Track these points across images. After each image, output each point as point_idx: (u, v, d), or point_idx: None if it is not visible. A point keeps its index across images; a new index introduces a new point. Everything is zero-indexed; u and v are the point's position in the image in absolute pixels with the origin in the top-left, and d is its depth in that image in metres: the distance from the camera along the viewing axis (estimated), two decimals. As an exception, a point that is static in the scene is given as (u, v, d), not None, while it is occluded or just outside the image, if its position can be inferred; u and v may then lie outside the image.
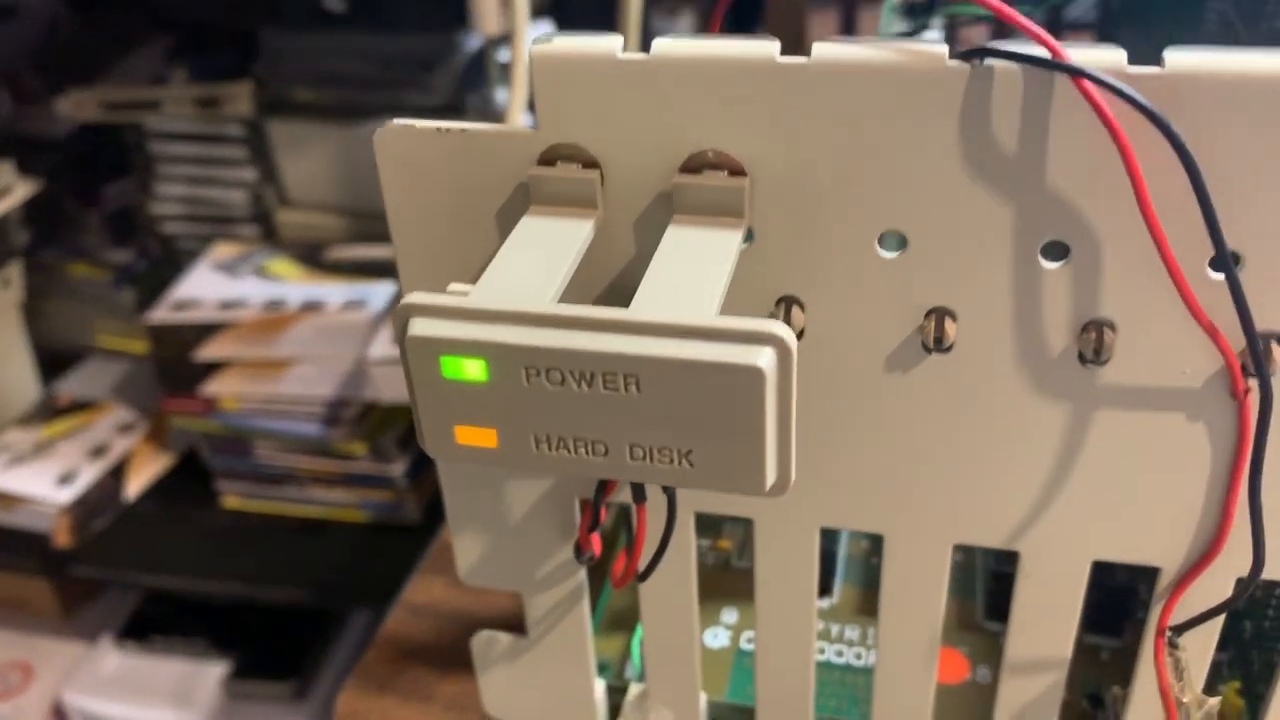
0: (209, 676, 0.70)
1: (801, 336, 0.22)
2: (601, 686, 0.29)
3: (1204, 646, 0.24)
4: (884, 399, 0.22)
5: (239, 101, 0.75)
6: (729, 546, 0.35)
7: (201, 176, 0.79)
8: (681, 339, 0.17)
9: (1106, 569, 0.23)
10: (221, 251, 0.78)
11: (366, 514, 0.70)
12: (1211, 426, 0.21)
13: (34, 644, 0.76)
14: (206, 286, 0.73)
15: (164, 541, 0.71)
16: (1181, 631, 0.23)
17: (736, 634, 0.32)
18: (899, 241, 0.20)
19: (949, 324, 0.21)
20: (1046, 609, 0.24)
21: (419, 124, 0.21)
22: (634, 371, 0.17)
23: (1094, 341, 0.20)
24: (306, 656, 0.71)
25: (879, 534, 0.24)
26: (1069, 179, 0.19)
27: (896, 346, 0.21)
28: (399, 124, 0.21)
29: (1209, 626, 0.23)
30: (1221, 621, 0.23)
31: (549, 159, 0.21)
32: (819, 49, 0.19)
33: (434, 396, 0.18)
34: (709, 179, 0.20)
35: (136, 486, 0.73)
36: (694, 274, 0.19)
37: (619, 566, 0.25)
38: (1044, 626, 0.24)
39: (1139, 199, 0.18)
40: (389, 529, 0.69)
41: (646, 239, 0.21)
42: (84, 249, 0.82)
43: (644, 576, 0.25)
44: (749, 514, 0.25)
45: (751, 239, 0.21)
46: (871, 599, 0.33)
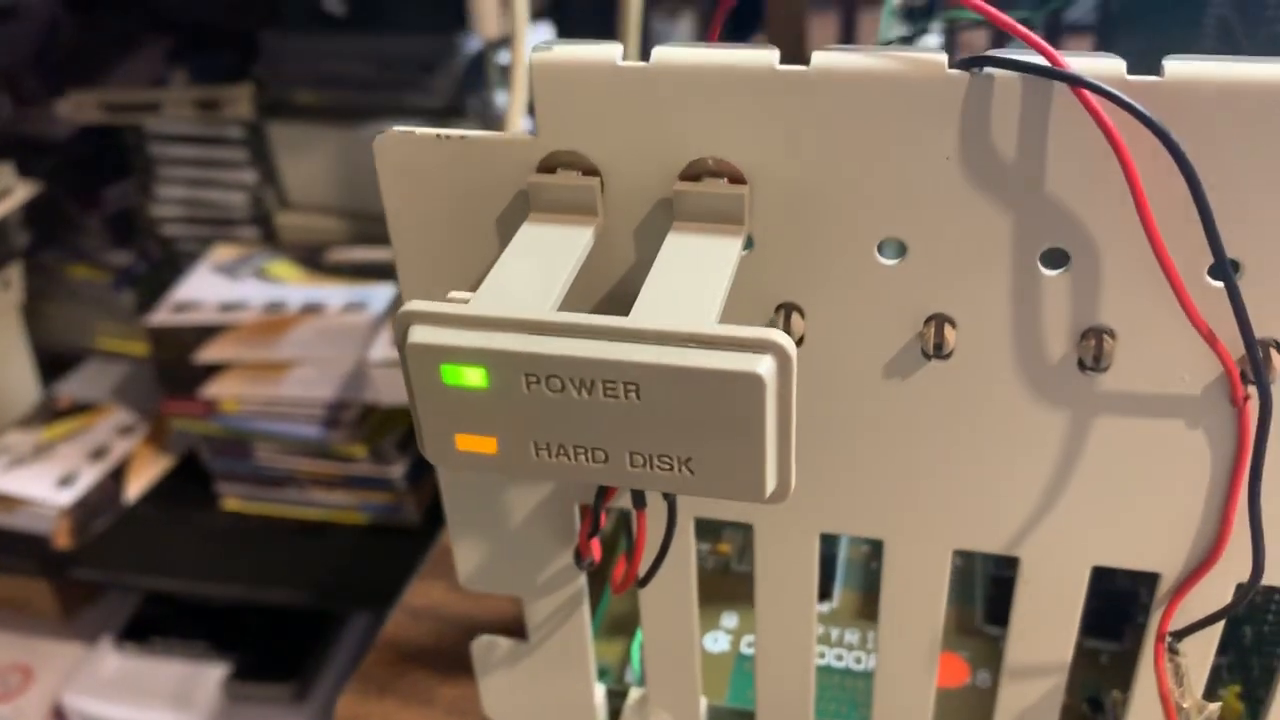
0: (209, 678, 0.71)
1: (801, 343, 0.22)
2: (602, 691, 0.29)
3: (1204, 652, 0.24)
4: (884, 406, 0.22)
5: (239, 103, 0.75)
6: (728, 550, 0.35)
7: (202, 178, 0.79)
8: (681, 347, 0.17)
9: (1106, 574, 0.23)
10: (222, 253, 0.78)
11: (366, 516, 0.70)
12: (1211, 433, 0.21)
13: (34, 646, 0.76)
14: (207, 288, 0.73)
15: (164, 543, 0.71)
16: (1182, 637, 0.23)
17: (736, 638, 0.33)
18: (899, 249, 0.20)
19: (949, 331, 0.21)
20: (1047, 614, 0.24)
21: (419, 131, 0.21)
22: (634, 379, 0.17)
23: (1093, 348, 0.20)
24: (306, 658, 0.71)
25: (879, 539, 0.24)
26: (1068, 187, 0.19)
27: (896, 353, 0.21)
28: (399, 131, 0.21)
29: (1209, 632, 0.23)
30: (1221, 627, 0.23)
31: (549, 166, 0.21)
32: (818, 57, 0.19)
33: (434, 404, 0.18)
34: (709, 186, 0.20)
35: (137, 488, 0.73)
36: (694, 281, 0.19)
37: (619, 572, 0.25)
38: (1044, 631, 0.24)
39: (1138, 207, 0.18)
40: (389, 531, 0.69)
41: (646, 246, 0.21)
42: (84, 251, 0.82)
43: (644, 582, 0.25)
44: (749, 519, 0.25)
45: (751, 246, 0.21)
46: (871, 603, 0.33)
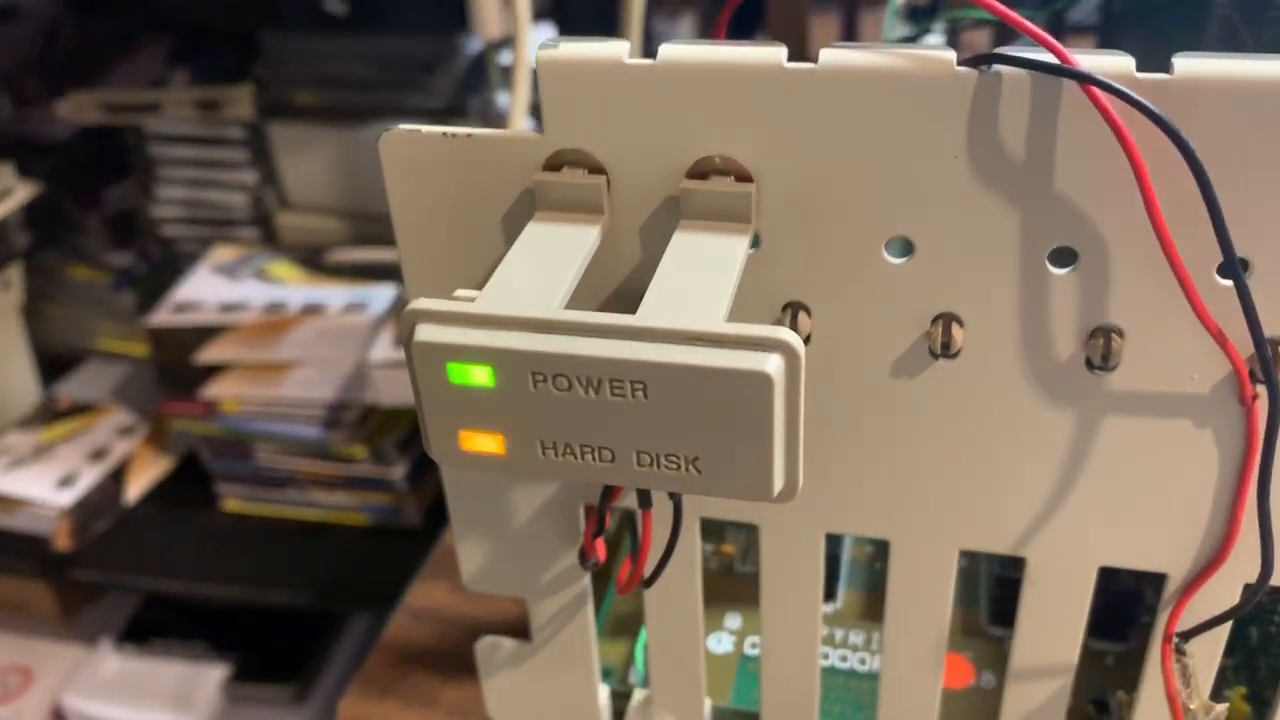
0: (209, 679, 0.70)
1: (808, 342, 0.22)
2: (605, 692, 0.29)
3: (1211, 653, 0.24)
4: (891, 405, 0.22)
5: (239, 104, 0.75)
6: (732, 551, 0.35)
7: (202, 179, 0.79)
8: (689, 345, 0.17)
9: (1110, 573, 0.23)
10: (222, 254, 0.78)
11: (367, 517, 0.70)
12: (1219, 433, 0.21)
13: (34, 647, 0.75)
14: (207, 289, 0.73)
15: (164, 544, 0.71)
16: (1189, 638, 0.23)
17: (740, 639, 0.32)
18: (906, 247, 0.20)
19: (956, 330, 0.21)
20: (1053, 615, 0.24)
21: (424, 129, 0.21)
22: (641, 378, 0.17)
23: (1102, 348, 0.20)
24: (306, 659, 0.71)
25: (885, 540, 0.24)
26: (1077, 185, 0.19)
27: (903, 352, 0.21)
28: (404, 129, 0.21)
29: (1216, 633, 0.23)
30: (1229, 627, 0.23)
31: (555, 164, 0.21)
32: (826, 55, 0.19)
33: (440, 402, 0.18)
34: (716, 184, 0.20)
35: (137, 489, 0.73)
36: (701, 280, 0.19)
37: (624, 573, 0.25)
38: (1050, 633, 0.24)
39: (1147, 205, 0.18)
40: (389, 532, 0.69)
41: (653, 244, 0.21)
42: (84, 251, 0.82)
43: (649, 583, 0.25)
44: (755, 520, 0.24)
45: (758, 244, 0.21)
46: (875, 603, 0.33)
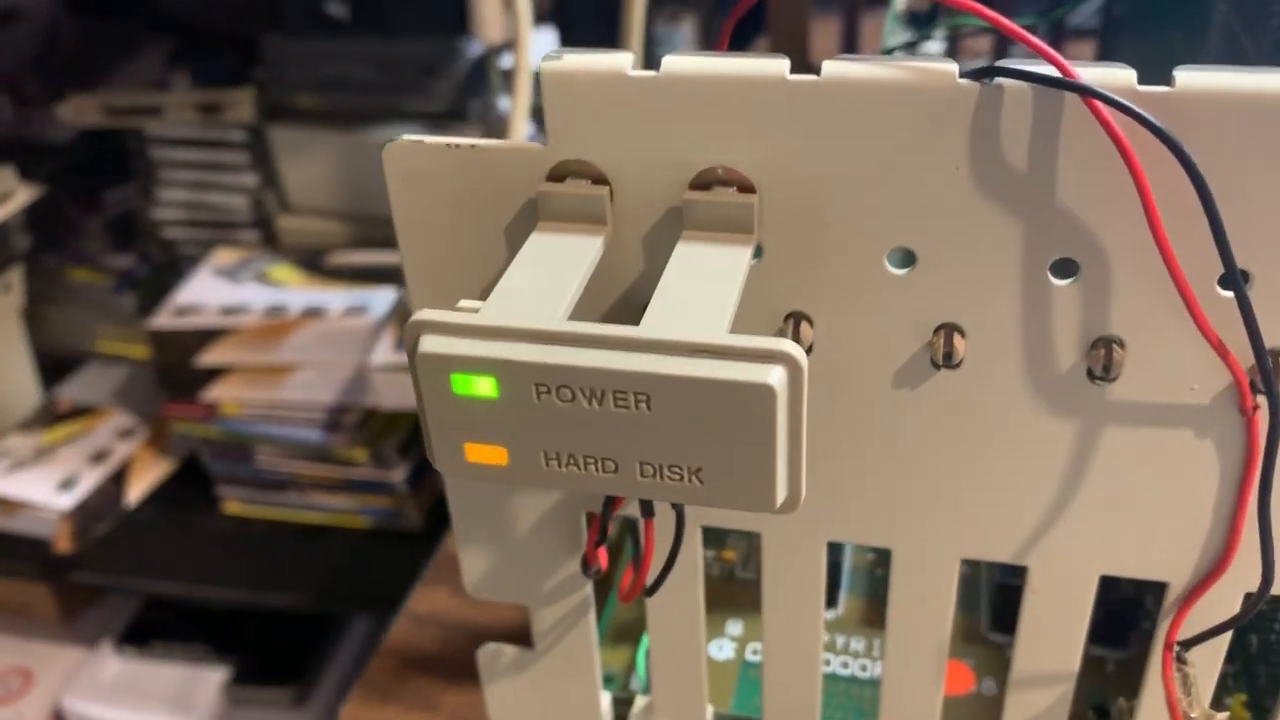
0: (209, 682, 0.70)
1: (810, 352, 0.22)
2: (607, 699, 0.29)
3: (1211, 661, 0.24)
4: (893, 415, 0.22)
5: (240, 107, 0.75)
6: (733, 558, 0.35)
7: (203, 182, 0.79)
8: (692, 357, 0.17)
9: (1111, 581, 0.23)
10: (222, 257, 0.78)
11: (367, 520, 0.70)
12: (1220, 443, 0.21)
13: (34, 649, 0.76)
14: (208, 292, 0.73)
15: (164, 547, 0.71)
16: (1190, 646, 0.23)
17: (742, 646, 0.32)
18: (908, 258, 0.20)
19: (958, 340, 0.21)
20: (1054, 623, 0.24)
21: (428, 139, 0.21)
22: (644, 389, 0.17)
23: (1103, 358, 0.20)
24: (307, 662, 0.71)
25: (887, 549, 0.24)
26: (1078, 196, 0.19)
27: (905, 363, 0.21)
28: (408, 139, 0.21)
29: (1217, 641, 0.23)
30: (1229, 636, 0.23)
31: (558, 175, 0.21)
32: (829, 67, 0.19)
33: (444, 413, 0.18)
34: (718, 195, 0.20)
35: (137, 492, 0.73)
36: (704, 291, 0.19)
37: (627, 581, 0.25)
38: (1051, 640, 0.24)
39: (1148, 217, 0.18)
40: (390, 535, 0.69)
41: (656, 255, 0.21)
42: (85, 254, 0.82)
43: (651, 591, 0.25)
44: (757, 528, 0.25)
45: (761, 255, 0.21)
46: (876, 610, 0.33)
